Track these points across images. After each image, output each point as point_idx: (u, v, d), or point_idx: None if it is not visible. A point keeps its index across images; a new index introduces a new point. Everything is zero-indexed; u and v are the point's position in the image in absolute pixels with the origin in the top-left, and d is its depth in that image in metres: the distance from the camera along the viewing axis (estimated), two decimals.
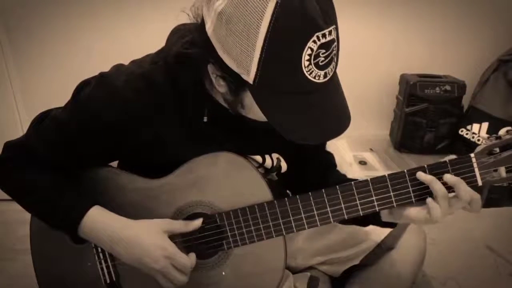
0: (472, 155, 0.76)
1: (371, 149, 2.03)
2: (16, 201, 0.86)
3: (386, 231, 0.99)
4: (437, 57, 2.07)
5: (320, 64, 0.62)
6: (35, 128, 0.85)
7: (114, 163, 0.93)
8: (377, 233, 0.99)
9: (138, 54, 0.85)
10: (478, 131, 1.89)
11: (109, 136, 0.79)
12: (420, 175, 0.77)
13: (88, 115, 0.79)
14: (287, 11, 0.58)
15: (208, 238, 0.85)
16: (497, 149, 0.76)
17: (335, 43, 0.63)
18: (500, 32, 2.02)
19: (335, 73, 0.67)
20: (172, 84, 0.77)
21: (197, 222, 0.83)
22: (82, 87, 0.82)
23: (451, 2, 1.98)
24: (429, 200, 0.76)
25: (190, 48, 0.70)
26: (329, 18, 0.61)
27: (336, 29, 0.63)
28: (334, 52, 0.64)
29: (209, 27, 0.65)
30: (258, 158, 0.88)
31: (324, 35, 0.60)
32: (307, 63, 0.61)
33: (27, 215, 0.91)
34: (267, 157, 0.90)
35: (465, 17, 2.00)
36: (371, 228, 0.82)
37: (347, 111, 0.70)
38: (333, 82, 0.67)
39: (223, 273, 0.88)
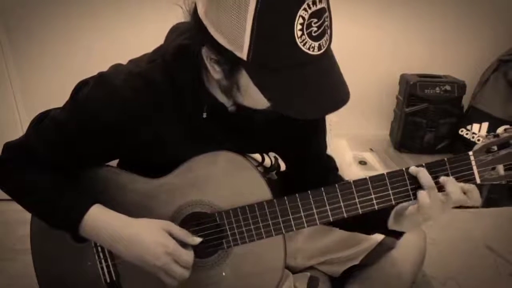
0: (470, 153, 0.77)
1: (371, 149, 2.03)
2: (17, 201, 0.86)
3: None
4: (437, 57, 2.07)
5: (313, 34, 0.61)
6: (35, 129, 0.85)
7: (114, 163, 0.93)
8: None
9: (138, 54, 0.85)
10: (478, 131, 1.89)
11: (108, 136, 0.80)
12: (411, 168, 0.77)
13: (87, 115, 0.79)
14: None
15: (208, 237, 0.85)
16: (495, 147, 0.76)
17: (327, 13, 0.63)
18: (500, 32, 2.02)
19: (329, 47, 0.66)
20: (170, 81, 0.77)
21: (197, 240, 0.83)
22: (81, 87, 0.82)
23: (451, 2, 1.98)
24: (419, 191, 0.76)
25: (186, 39, 0.71)
26: None
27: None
28: (327, 23, 0.63)
29: (200, 9, 0.66)
30: (258, 157, 0.88)
31: (314, 2, 0.60)
32: (299, 33, 0.60)
33: (27, 215, 0.91)
34: (266, 156, 0.90)
35: (465, 17, 2.00)
36: None
37: (345, 86, 0.69)
38: (328, 56, 0.66)
39: (223, 272, 0.88)
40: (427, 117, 1.92)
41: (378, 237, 0.99)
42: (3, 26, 1.88)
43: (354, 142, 2.08)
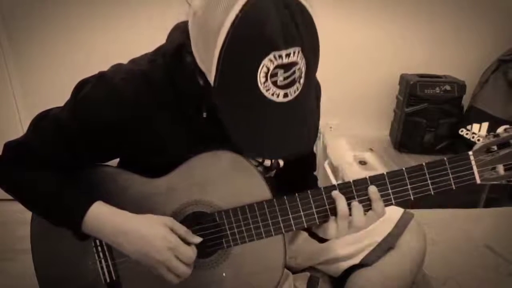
0: (470, 153, 0.77)
1: (371, 149, 2.02)
2: (18, 200, 0.86)
3: (386, 230, 0.99)
4: (437, 57, 2.07)
5: (279, 83, 0.61)
6: (35, 128, 0.85)
7: (114, 162, 0.93)
8: (377, 232, 0.99)
9: (138, 53, 0.85)
10: (478, 131, 1.89)
11: (108, 135, 0.80)
12: (333, 192, 0.80)
13: (87, 114, 0.79)
14: (245, 25, 0.58)
15: (208, 236, 0.85)
16: (495, 147, 0.76)
17: (298, 66, 0.61)
18: (500, 32, 2.01)
19: (301, 94, 0.64)
20: (171, 81, 0.77)
21: (198, 239, 0.83)
22: (81, 87, 0.82)
23: (451, 2, 1.98)
24: (330, 219, 0.80)
25: (186, 40, 0.71)
26: (292, 39, 0.59)
27: (302, 50, 0.60)
28: (298, 74, 0.61)
29: (189, 21, 0.67)
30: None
31: (280, 56, 0.59)
32: (263, 79, 0.60)
33: (27, 216, 0.91)
34: None
35: (465, 17, 2.00)
36: (371, 227, 0.82)
37: (304, 136, 0.68)
38: (297, 103, 0.64)
39: (223, 272, 0.88)
40: (427, 117, 1.92)
41: (378, 236, 0.99)
42: (3, 26, 1.88)
43: (354, 142, 2.07)
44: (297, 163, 0.98)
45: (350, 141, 2.09)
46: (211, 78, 0.64)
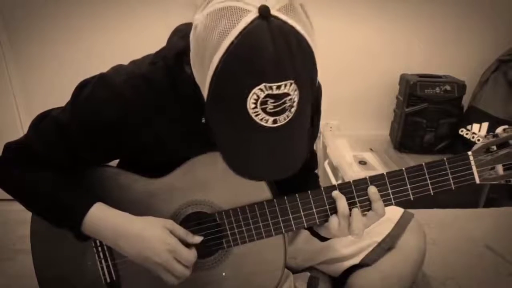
0: (469, 153, 0.77)
1: (371, 149, 2.02)
2: (18, 200, 0.86)
3: (386, 230, 0.99)
4: (437, 57, 2.07)
5: (269, 111, 0.60)
6: (35, 129, 0.85)
7: (114, 163, 0.93)
8: (377, 232, 0.99)
9: (138, 54, 0.85)
10: (478, 131, 1.89)
11: (109, 136, 0.80)
12: (333, 192, 0.80)
13: (88, 115, 0.79)
14: (237, 54, 0.58)
15: (208, 237, 0.85)
16: (495, 147, 0.77)
17: (290, 97, 0.60)
18: (500, 32, 2.01)
19: (291, 122, 0.63)
20: (171, 84, 0.77)
21: (198, 238, 0.83)
22: (82, 87, 0.82)
23: (451, 2, 1.98)
24: (332, 216, 0.81)
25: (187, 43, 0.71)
26: (285, 71, 0.58)
27: (295, 82, 0.59)
28: (289, 104, 0.61)
29: (191, 33, 0.66)
30: None
31: (271, 87, 0.58)
32: (253, 105, 0.60)
33: (27, 215, 0.91)
34: None
35: (465, 17, 2.00)
36: (371, 227, 0.82)
37: (291, 162, 0.68)
38: (286, 129, 0.63)
39: (223, 272, 0.88)
40: (427, 117, 1.91)
41: (378, 236, 0.99)
42: (3, 26, 1.88)
43: (354, 142, 2.07)
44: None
45: (350, 141, 2.09)
46: (204, 94, 0.64)
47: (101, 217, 0.80)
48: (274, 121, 0.62)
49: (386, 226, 0.99)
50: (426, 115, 1.91)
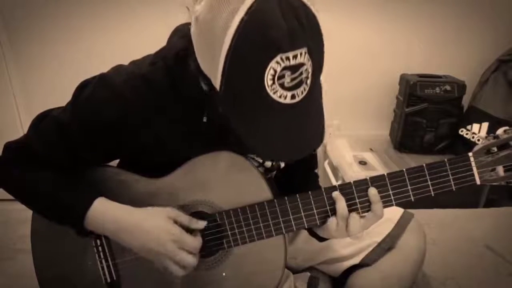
0: (470, 154, 0.77)
1: (371, 149, 2.03)
2: (19, 200, 0.86)
3: (386, 230, 0.99)
4: (437, 57, 2.07)
5: (286, 85, 0.60)
6: (35, 129, 0.85)
7: (114, 163, 0.93)
8: (377, 232, 0.99)
9: (138, 54, 0.85)
10: (478, 131, 1.89)
11: (109, 136, 0.80)
12: (333, 193, 0.80)
13: (88, 115, 0.79)
14: (250, 29, 0.57)
15: (208, 237, 0.85)
16: (495, 148, 0.77)
17: (305, 67, 0.61)
18: (500, 32, 2.02)
19: (308, 95, 0.64)
20: (171, 84, 0.77)
21: (202, 223, 0.83)
22: (83, 88, 0.82)
23: (451, 2, 1.98)
24: (330, 217, 0.80)
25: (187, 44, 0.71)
26: (298, 40, 0.59)
27: (308, 51, 0.60)
28: (305, 75, 0.61)
29: (192, 27, 0.67)
30: (258, 158, 0.89)
31: (288, 58, 0.58)
32: (270, 82, 0.59)
33: (28, 215, 0.91)
34: None
35: (465, 17, 2.00)
36: (371, 228, 0.82)
37: (316, 137, 0.68)
38: (305, 104, 0.64)
39: (223, 272, 0.88)
40: (427, 117, 1.92)
41: (378, 236, 0.99)
42: (3, 26, 1.88)
43: (354, 142, 2.08)
44: (298, 163, 0.98)
45: (350, 141, 2.09)
46: (216, 83, 0.63)
47: (104, 210, 0.80)
48: (292, 97, 0.62)
49: (386, 226, 0.99)
50: (426, 115, 1.91)
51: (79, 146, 0.81)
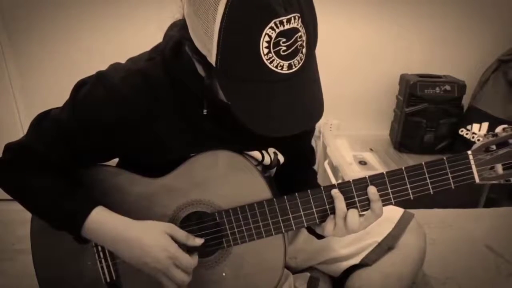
0: (469, 152, 0.77)
1: (371, 149, 2.02)
2: (18, 202, 0.86)
3: (386, 230, 0.99)
4: (437, 57, 2.07)
5: (282, 53, 0.60)
6: (35, 129, 0.85)
7: (114, 162, 0.93)
8: (377, 232, 0.99)
9: (138, 53, 0.85)
10: (478, 131, 1.89)
11: (108, 134, 0.80)
12: (332, 191, 0.80)
13: (86, 114, 0.79)
14: None
15: (208, 236, 0.85)
16: (494, 147, 0.77)
17: (300, 33, 0.61)
18: (500, 32, 2.01)
19: (305, 65, 0.64)
20: (170, 78, 0.77)
21: (199, 240, 0.83)
22: (80, 87, 0.82)
23: (451, 2, 1.98)
24: (330, 216, 0.81)
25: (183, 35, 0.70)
26: (291, 5, 0.59)
27: (301, 18, 0.60)
28: (300, 43, 0.61)
29: (185, 9, 0.67)
30: (257, 155, 0.88)
31: (281, 22, 0.58)
32: (266, 50, 0.59)
33: (27, 215, 0.91)
34: (265, 154, 0.90)
35: (465, 17, 2.00)
36: (371, 227, 0.82)
37: (317, 107, 0.68)
38: (303, 74, 0.64)
39: (222, 272, 0.88)
40: (427, 117, 1.91)
41: (378, 236, 0.99)
42: (3, 26, 1.89)
43: (354, 142, 2.08)
44: (297, 158, 0.98)
45: (350, 141, 2.09)
46: (212, 58, 0.63)
47: (101, 222, 0.80)
48: (289, 66, 0.62)
49: (386, 226, 0.99)
50: (426, 115, 1.91)
51: (78, 145, 0.81)
